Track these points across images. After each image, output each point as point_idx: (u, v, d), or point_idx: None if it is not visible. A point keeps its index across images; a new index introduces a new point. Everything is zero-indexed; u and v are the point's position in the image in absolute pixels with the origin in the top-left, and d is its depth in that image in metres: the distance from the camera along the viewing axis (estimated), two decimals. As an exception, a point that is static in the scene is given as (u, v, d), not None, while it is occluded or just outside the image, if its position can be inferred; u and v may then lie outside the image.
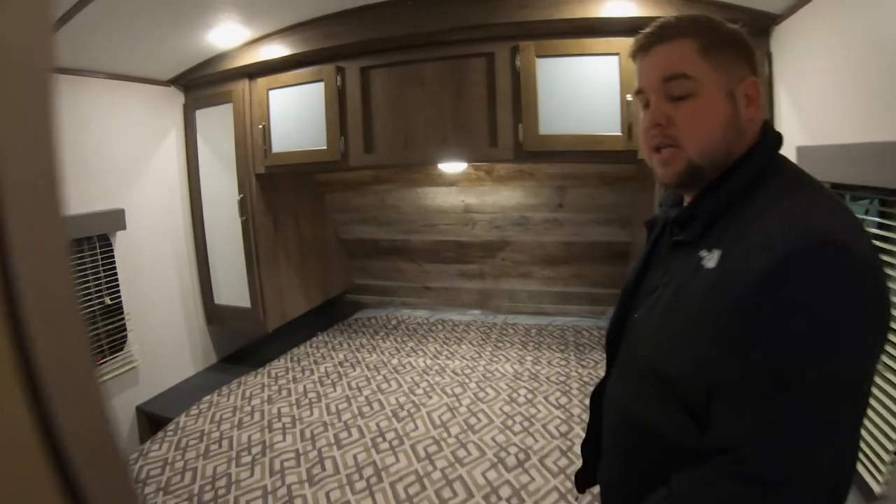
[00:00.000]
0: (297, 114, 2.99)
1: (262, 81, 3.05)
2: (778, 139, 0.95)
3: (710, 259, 0.89)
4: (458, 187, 3.86)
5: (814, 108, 2.05)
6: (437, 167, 3.50)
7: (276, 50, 2.90)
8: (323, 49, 2.79)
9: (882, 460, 1.50)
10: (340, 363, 3.30)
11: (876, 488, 1.51)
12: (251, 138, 3.08)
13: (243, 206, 3.13)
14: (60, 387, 0.45)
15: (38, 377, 0.43)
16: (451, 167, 3.42)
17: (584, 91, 2.53)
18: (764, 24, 2.33)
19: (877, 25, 1.57)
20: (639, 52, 1.00)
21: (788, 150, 2.13)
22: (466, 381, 2.98)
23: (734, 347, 0.79)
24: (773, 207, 0.84)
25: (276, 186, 3.37)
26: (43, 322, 0.44)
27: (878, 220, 1.66)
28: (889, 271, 1.53)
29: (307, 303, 3.81)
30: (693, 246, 0.96)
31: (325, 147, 2.89)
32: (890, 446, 1.47)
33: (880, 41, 1.55)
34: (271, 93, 3.03)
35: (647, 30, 0.98)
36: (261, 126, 3.05)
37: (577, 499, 1.93)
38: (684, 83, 0.93)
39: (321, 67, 2.86)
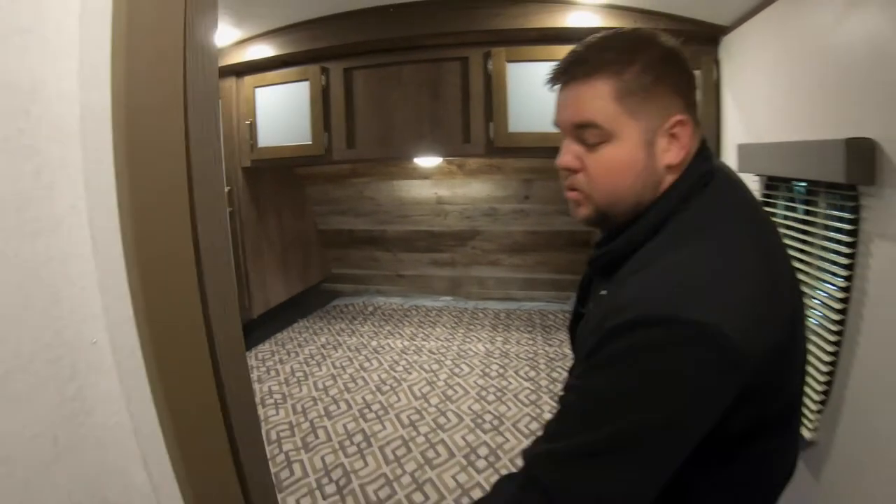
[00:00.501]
0: (282, 111, 3.16)
1: (248, 79, 3.20)
2: (700, 178, 0.89)
3: (602, 299, 0.93)
4: (431, 180, 4.08)
5: (754, 111, 2.29)
6: (413, 161, 3.71)
7: (264, 50, 3.05)
8: (309, 50, 2.96)
9: (810, 409, 1.66)
10: (323, 346, 3.49)
11: (806, 434, 1.65)
12: (238, 133, 3.25)
13: (230, 198, 3.30)
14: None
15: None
16: (426, 161, 3.65)
17: (550, 93, 2.78)
18: (713, 34, 2.59)
19: (807, 41, 1.79)
20: (554, 85, 0.93)
21: (731, 148, 2.42)
22: (442, 358, 3.21)
23: (584, 383, 0.83)
24: (653, 263, 0.85)
25: (260, 179, 3.54)
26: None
27: (804, 206, 1.88)
28: (805, 254, 1.78)
29: (287, 291, 3.97)
30: (597, 286, 1.02)
31: (311, 142, 3.06)
32: (816, 397, 1.63)
33: (810, 55, 1.77)
34: (258, 90, 3.19)
35: (565, 59, 0.90)
36: (247, 122, 3.21)
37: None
38: (596, 132, 0.87)
39: (307, 67, 3.03)
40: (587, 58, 0.87)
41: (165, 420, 0.61)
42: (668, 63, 0.87)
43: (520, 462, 1.91)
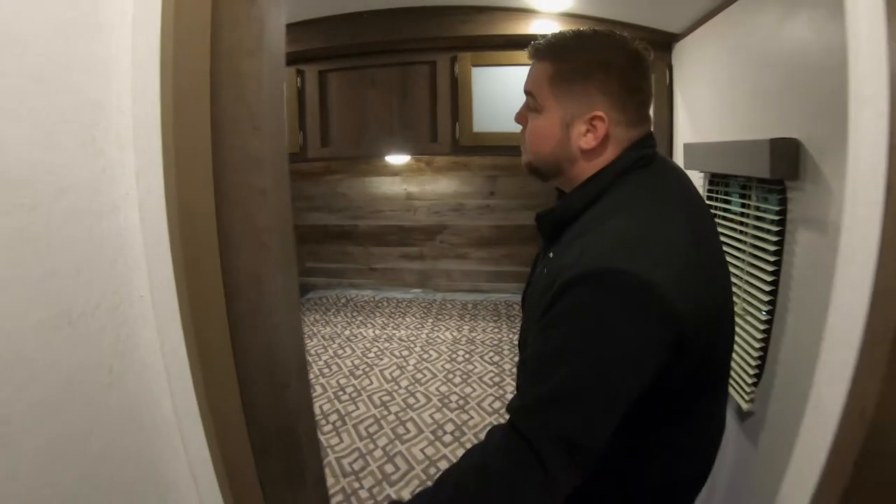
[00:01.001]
0: (260, 110, 3.29)
1: None
2: (629, 163, 1.06)
3: (550, 261, 1.09)
4: (401, 177, 4.26)
5: (700, 112, 2.48)
6: (384, 159, 3.88)
7: None
8: (286, 53, 3.10)
9: (746, 382, 1.80)
10: (299, 335, 3.64)
11: (744, 406, 1.79)
12: None
13: (208, 193, 3.44)
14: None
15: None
16: (396, 159, 3.83)
17: (513, 95, 2.93)
18: (667, 41, 2.79)
19: (747, 49, 1.96)
20: (530, 58, 1.15)
21: (679, 147, 2.63)
22: (412, 345, 3.39)
23: (540, 338, 0.98)
24: (594, 228, 1.00)
25: None
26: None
27: (739, 199, 2.01)
28: (740, 242, 1.96)
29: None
30: (545, 254, 1.18)
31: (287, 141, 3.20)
32: (751, 371, 1.77)
33: (748, 61, 1.94)
34: None
35: (538, 41, 1.13)
36: None
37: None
38: (532, 101, 1.11)
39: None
40: (550, 43, 1.11)
41: (192, 361, 0.79)
42: (606, 69, 1.06)
43: (483, 436, 2.13)
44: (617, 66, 1.07)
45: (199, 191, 0.73)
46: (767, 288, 1.72)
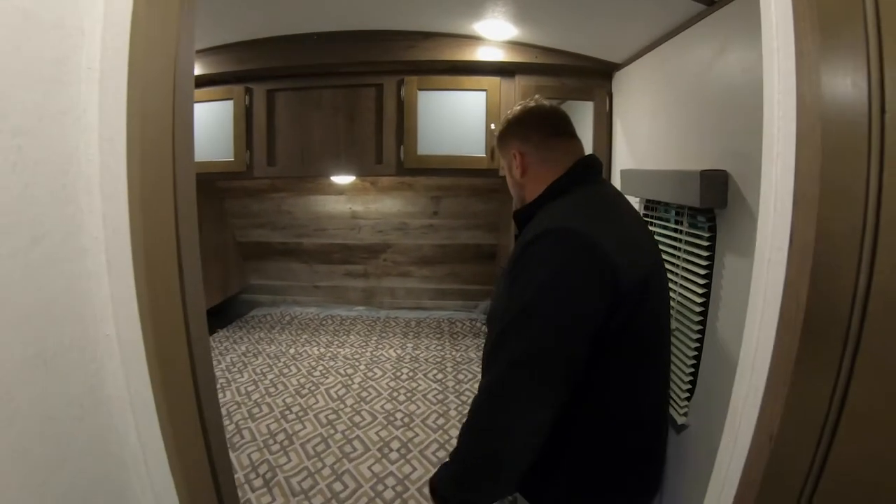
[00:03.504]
0: (207, 127, 3.27)
1: None
2: (576, 175, 1.44)
3: (513, 249, 1.44)
4: (346, 196, 4.28)
5: (637, 140, 2.58)
6: (329, 178, 3.91)
7: None
8: (234, 71, 3.09)
9: (680, 397, 1.88)
10: (244, 354, 3.62)
11: (679, 419, 1.86)
12: None
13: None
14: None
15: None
16: (342, 178, 3.86)
17: (456, 119, 3.06)
18: (608, 70, 2.92)
19: (682, 82, 2.05)
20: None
21: (617, 172, 2.73)
22: (357, 363, 3.42)
23: (506, 290, 1.29)
24: (546, 213, 1.37)
25: None
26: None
27: (673, 225, 2.10)
28: (674, 266, 2.06)
29: (208, 301, 4.02)
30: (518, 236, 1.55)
31: (233, 159, 3.20)
32: (684, 386, 1.86)
33: (684, 94, 2.03)
34: None
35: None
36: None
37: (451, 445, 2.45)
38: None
39: (231, 87, 3.16)
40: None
41: (156, 396, 0.83)
42: (517, 125, 1.53)
43: (429, 454, 2.19)
44: (520, 120, 1.53)
45: (163, 231, 0.78)
46: (698, 309, 1.82)
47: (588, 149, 2.78)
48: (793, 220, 0.85)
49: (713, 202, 1.69)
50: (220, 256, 4.29)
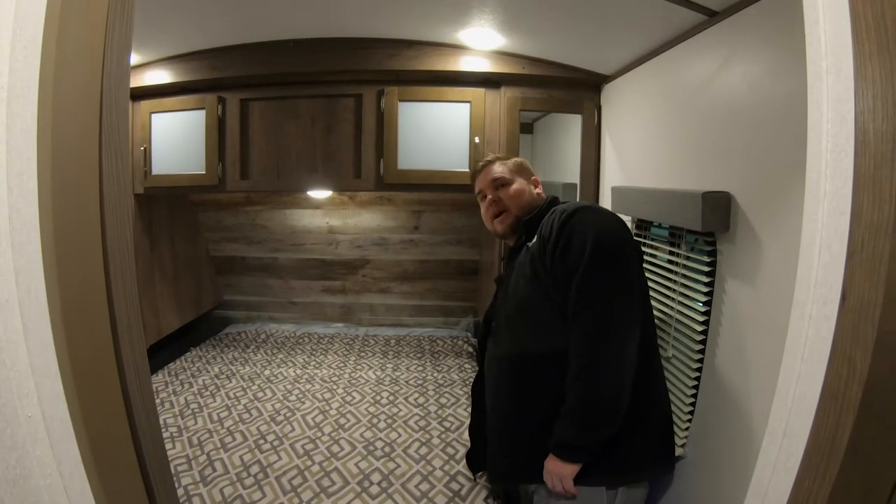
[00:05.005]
0: (177, 138, 3.12)
1: (145, 104, 3.13)
2: (555, 200, 1.88)
3: (532, 245, 1.72)
4: (323, 210, 4.14)
5: (628, 155, 2.50)
6: (305, 192, 3.77)
7: (162, 76, 3.01)
8: (207, 79, 2.96)
9: (680, 427, 1.82)
10: (217, 375, 3.44)
11: (678, 451, 1.79)
12: (132, 159, 3.15)
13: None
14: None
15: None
16: (318, 193, 3.72)
17: (439, 132, 2.94)
18: (596, 82, 2.83)
19: (678, 98, 1.98)
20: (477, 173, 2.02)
21: (608, 189, 2.63)
22: (334, 387, 3.26)
23: (551, 263, 1.60)
24: (558, 209, 1.71)
25: (152, 206, 3.46)
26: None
27: (667, 247, 2.04)
28: (670, 290, 2.00)
29: (180, 318, 3.89)
30: (524, 246, 1.79)
31: (204, 172, 3.05)
32: (684, 417, 1.81)
33: (680, 110, 1.96)
34: (154, 116, 3.12)
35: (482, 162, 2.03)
36: (142, 148, 3.14)
37: (439, 479, 2.31)
38: (504, 180, 1.93)
39: (204, 96, 3.02)
40: (489, 160, 2.02)
41: (92, 480, 0.68)
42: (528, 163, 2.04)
43: (411, 487, 2.06)
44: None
45: (89, 284, 0.63)
46: (698, 338, 1.74)
47: (575, 162, 2.80)
48: (846, 274, 0.72)
49: (716, 226, 1.62)
50: (193, 271, 4.13)
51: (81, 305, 0.63)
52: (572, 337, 1.53)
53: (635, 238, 1.92)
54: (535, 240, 1.72)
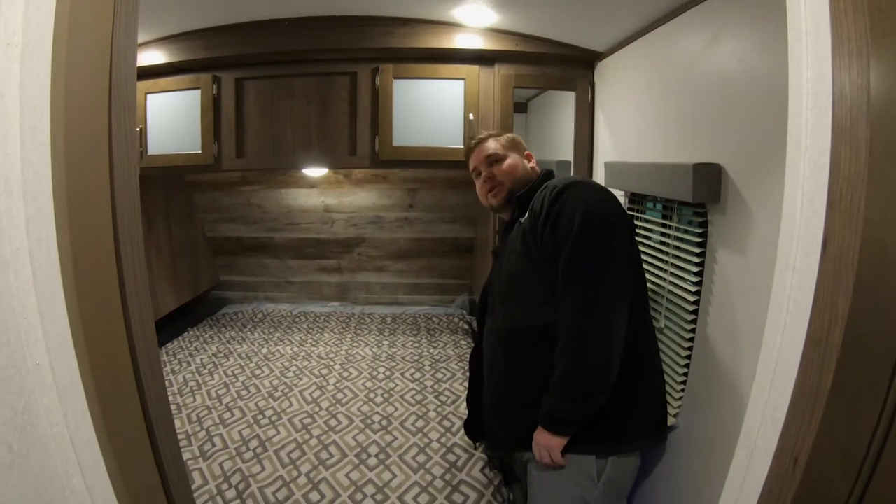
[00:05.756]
0: (173, 118, 3.11)
1: (140, 85, 3.09)
2: (549, 174, 1.91)
3: (524, 220, 1.73)
4: (318, 189, 4.16)
5: (622, 131, 2.51)
6: (301, 171, 3.78)
7: (156, 56, 3.00)
8: (202, 59, 2.94)
9: (673, 397, 1.85)
10: (214, 354, 3.47)
11: (671, 420, 1.82)
12: None
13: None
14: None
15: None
16: (314, 171, 3.73)
17: (434, 109, 2.95)
18: (589, 59, 2.84)
19: (670, 73, 2.00)
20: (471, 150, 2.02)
21: (601, 165, 2.66)
22: (331, 363, 3.30)
23: (541, 238, 1.61)
24: (550, 184, 1.70)
25: (149, 187, 3.43)
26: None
27: (660, 220, 2.06)
28: (662, 262, 2.01)
29: (177, 300, 3.91)
30: (517, 221, 1.81)
31: (200, 151, 3.05)
32: (677, 387, 1.84)
33: (672, 85, 1.98)
34: (149, 97, 3.11)
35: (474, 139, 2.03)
36: (138, 128, 3.13)
37: (436, 451, 2.35)
38: (497, 156, 1.93)
39: (199, 76, 3.01)
40: (483, 136, 2.02)
41: (98, 430, 0.70)
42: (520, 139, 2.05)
43: (408, 458, 2.10)
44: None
45: (98, 237, 0.65)
46: (690, 308, 1.77)
47: (569, 140, 2.80)
48: (827, 223, 0.75)
49: (706, 197, 1.64)
50: (189, 253, 4.14)
51: (90, 255, 0.65)
52: (560, 311, 1.56)
53: (628, 212, 1.90)
54: (526, 215, 1.74)
